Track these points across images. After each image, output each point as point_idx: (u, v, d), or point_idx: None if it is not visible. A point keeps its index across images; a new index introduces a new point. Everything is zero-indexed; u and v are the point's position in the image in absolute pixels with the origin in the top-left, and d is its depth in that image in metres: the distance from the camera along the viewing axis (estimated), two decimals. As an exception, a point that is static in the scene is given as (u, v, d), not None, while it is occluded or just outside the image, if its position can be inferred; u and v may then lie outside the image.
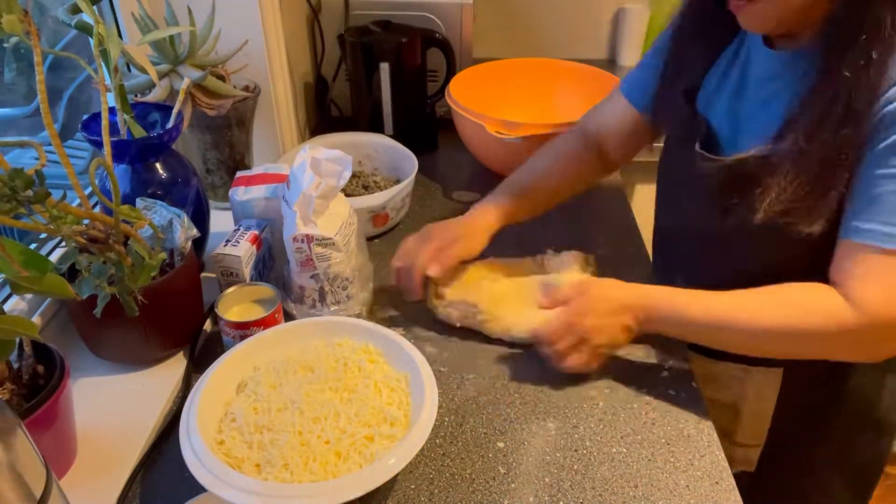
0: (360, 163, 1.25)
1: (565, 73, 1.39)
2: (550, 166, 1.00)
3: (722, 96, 0.85)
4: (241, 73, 1.10)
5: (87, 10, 0.73)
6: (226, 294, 0.87)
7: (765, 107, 0.79)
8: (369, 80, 1.29)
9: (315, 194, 0.85)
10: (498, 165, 1.29)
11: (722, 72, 0.86)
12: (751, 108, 0.81)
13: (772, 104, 0.78)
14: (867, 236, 0.69)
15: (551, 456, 0.76)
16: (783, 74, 0.77)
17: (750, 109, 0.81)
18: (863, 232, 0.69)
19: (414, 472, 0.74)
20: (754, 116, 0.81)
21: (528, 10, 1.81)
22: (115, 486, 0.72)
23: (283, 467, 0.66)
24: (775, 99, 0.77)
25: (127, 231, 0.74)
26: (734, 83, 0.84)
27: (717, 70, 0.87)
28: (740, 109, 0.82)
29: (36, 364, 0.71)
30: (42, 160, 0.63)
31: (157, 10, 1.06)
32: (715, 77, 0.87)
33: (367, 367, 0.77)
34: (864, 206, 0.69)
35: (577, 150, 1.01)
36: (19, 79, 1.49)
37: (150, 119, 0.94)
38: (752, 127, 0.80)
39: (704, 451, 0.77)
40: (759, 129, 0.78)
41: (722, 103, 0.85)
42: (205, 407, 0.71)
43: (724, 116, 0.85)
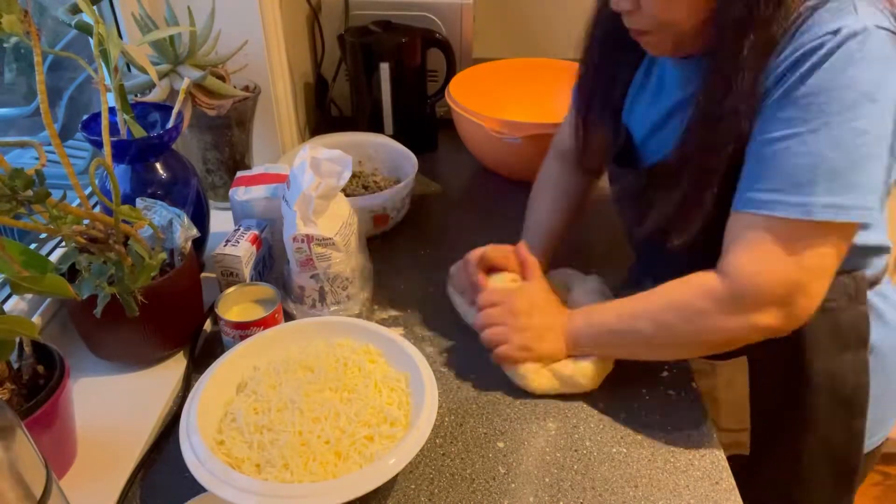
0: (360, 163, 1.25)
1: (565, 73, 1.39)
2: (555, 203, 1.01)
3: (641, 104, 0.89)
4: (241, 73, 1.11)
5: (87, 10, 0.73)
6: (226, 294, 0.87)
7: (672, 114, 0.82)
8: (369, 80, 1.29)
9: (315, 194, 0.85)
10: (498, 165, 1.29)
11: (640, 82, 0.90)
12: (661, 115, 0.84)
13: (677, 114, 0.80)
14: (744, 204, 0.69)
15: (551, 456, 0.76)
16: (689, 83, 0.78)
17: (661, 116, 0.84)
18: (741, 201, 0.70)
19: (414, 472, 0.74)
20: (664, 123, 0.83)
21: (528, 10, 1.81)
22: (115, 486, 0.72)
23: (283, 467, 0.66)
24: (681, 109, 0.79)
25: (127, 231, 0.74)
26: (651, 92, 0.87)
27: (636, 79, 0.90)
28: (654, 115, 0.85)
29: (36, 364, 0.71)
30: (42, 160, 0.63)
31: (157, 10, 1.06)
32: (635, 85, 0.90)
33: (367, 367, 0.77)
34: (746, 176, 0.70)
35: (566, 179, 1.03)
36: (19, 79, 1.49)
37: (150, 119, 0.94)
38: (662, 134, 0.83)
39: (704, 451, 0.77)
40: (666, 137, 0.80)
41: (640, 110, 0.89)
42: (205, 407, 0.71)
43: (640, 123, 0.88)
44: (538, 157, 1.19)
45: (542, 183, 1.05)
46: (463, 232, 1.16)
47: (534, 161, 1.21)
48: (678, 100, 0.81)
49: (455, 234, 1.16)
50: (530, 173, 1.26)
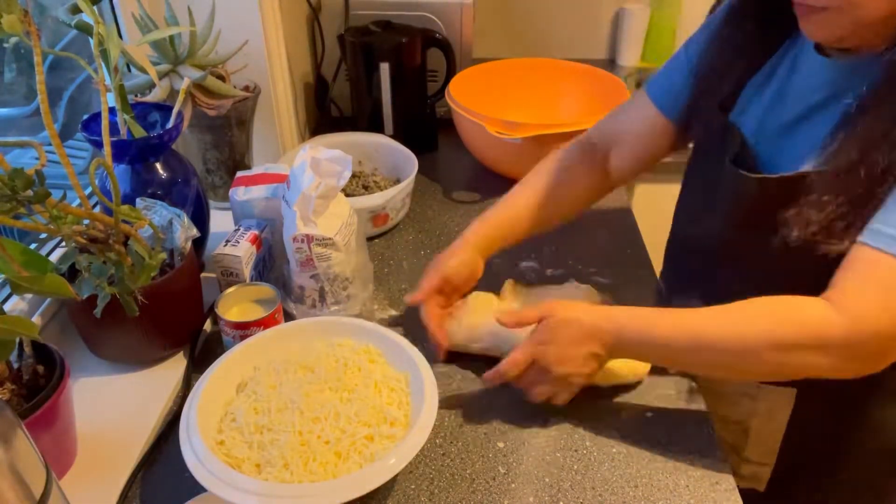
0: (360, 163, 1.25)
1: (565, 73, 1.39)
2: (543, 191, 0.92)
3: (758, 104, 0.79)
4: (241, 73, 1.10)
5: (87, 10, 0.73)
6: (226, 294, 0.87)
7: (806, 119, 0.73)
8: (369, 80, 1.29)
9: (315, 194, 0.85)
10: (498, 165, 1.29)
11: (761, 79, 0.80)
12: (789, 119, 0.75)
13: (815, 117, 0.72)
14: (881, 240, 0.63)
15: (551, 456, 0.76)
16: (833, 85, 0.71)
17: (788, 120, 0.75)
18: (878, 235, 0.63)
19: (414, 472, 0.74)
20: (793, 128, 0.75)
21: (528, 10, 1.81)
22: (115, 486, 0.72)
23: (283, 467, 0.66)
24: (820, 111, 0.72)
25: (127, 231, 0.74)
26: (773, 91, 0.78)
27: (756, 77, 0.80)
28: (777, 119, 0.77)
29: (36, 364, 0.71)
30: (42, 160, 0.63)
31: (157, 10, 1.06)
32: (753, 85, 0.80)
33: (367, 367, 0.77)
34: (890, 210, 0.63)
35: (579, 166, 0.94)
36: (19, 79, 1.49)
37: (150, 119, 0.94)
38: (789, 139, 0.75)
39: (704, 452, 0.76)
40: (796, 143, 0.73)
41: (757, 112, 0.79)
42: (205, 407, 0.71)
43: (757, 126, 0.79)
44: (538, 157, 1.19)
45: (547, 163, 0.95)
46: (463, 232, 1.16)
47: (534, 161, 1.20)
48: (814, 102, 0.73)
49: (455, 234, 1.15)
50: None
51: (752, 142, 0.79)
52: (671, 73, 0.89)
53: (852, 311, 0.63)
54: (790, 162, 0.72)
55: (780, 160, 0.75)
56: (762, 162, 0.77)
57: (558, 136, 1.15)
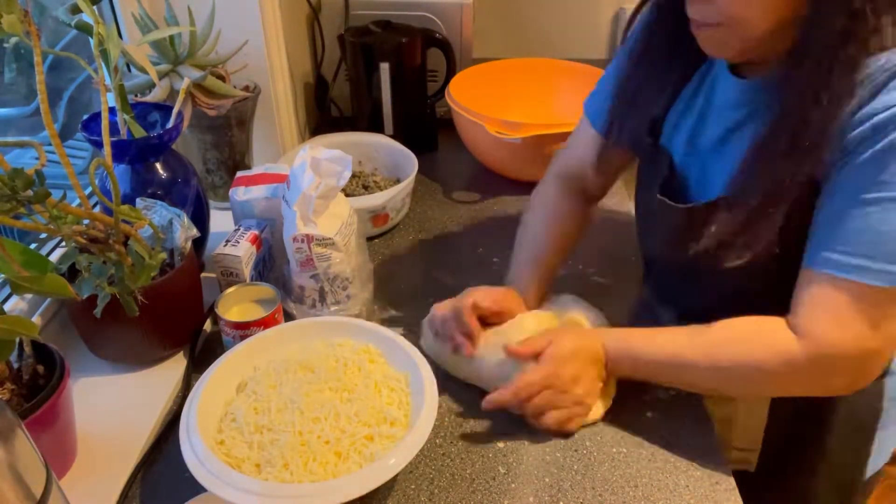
0: (360, 163, 1.25)
1: (565, 73, 1.39)
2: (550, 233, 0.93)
3: (684, 127, 0.82)
4: (241, 73, 1.10)
5: (87, 10, 0.73)
6: (226, 294, 0.87)
7: (727, 140, 0.76)
8: (369, 80, 1.29)
9: (315, 194, 0.85)
10: (498, 165, 1.29)
11: (686, 102, 0.82)
12: (712, 140, 0.78)
13: (733, 135, 0.75)
14: (823, 264, 0.66)
15: (551, 456, 0.76)
16: (747, 104, 0.73)
17: (711, 141, 0.78)
18: (820, 260, 0.66)
19: (414, 472, 0.74)
20: (717, 149, 0.77)
21: (528, 10, 1.81)
22: (115, 486, 0.72)
23: (283, 467, 0.66)
24: (738, 130, 0.74)
25: (127, 231, 0.74)
26: (697, 112, 0.80)
27: (681, 98, 0.83)
28: (702, 141, 0.79)
29: (36, 364, 0.71)
30: (42, 160, 0.63)
31: (157, 10, 1.06)
32: (678, 107, 0.83)
33: (367, 367, 0.77)
34: (825, 233, 0.66)
35: (565, 205, 0.96)
36: (19, 79, 1.49)
37: (150, 119, 0.94)
38: (714, 161, 0.77)
39: (704, 451, 0.76)
40: (720, 164, 0.75)
41: (683, 134, 0.82)
42: (205, 407, 0.71)
43: (684, 149, 0.81)
44: (538, 157, 1.19)
45: (538, 211, 0.96)
46: (463, 232, 1.16)
47: (534, 161, 1.21)
48: (734, 121, 0.75)
49: (455, 234, 1.16)
50: (530, 173, 1.26)
51: (681, 165, 0.82)
52: (603, 94, 0.90)
53: (811, 334, 0.67)
54: (718, 183, 0.74)
55: (708, 182, 0.78)
56: (692, 185, 0.81)
57: (558, 136, 1.15)
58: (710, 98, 0.79)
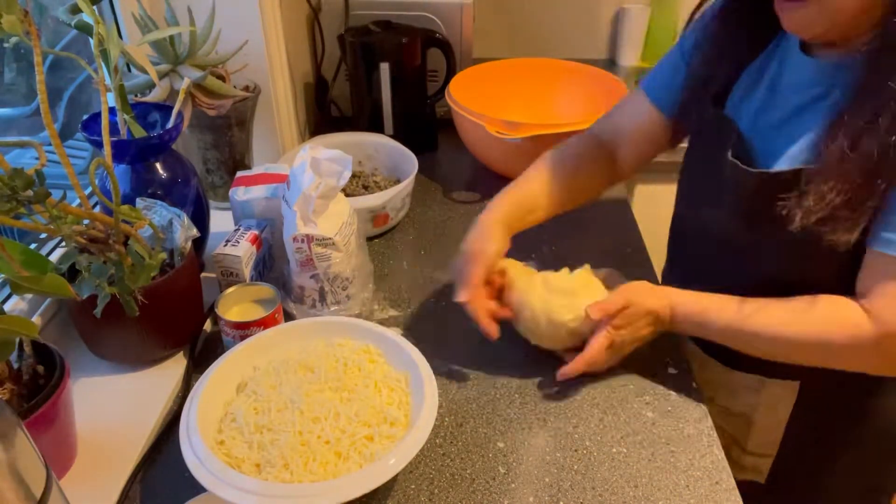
0: (360, 163, 1.25)
1: (565, 73, 1.39)
2: (557, 173, 0.93)
3: (750, 102, 0.81)
4: (241, 73, 1.10)
5: (87, 10, 0.73)
6: (226, 294, 0.87)
7: (797, 116, 0.75)
8: (369, 80, 1.29)
9: (315, 194, 0.85)
10: (498, 165, 1.29)
11: (752, 77, 0.81)
12: (781, 116, 0.77)
13: (805, 114, 0.74)
14: (886, 245, 0.66)
15: (551, 456, 0.76)
16: (820, 83, 0.73)
17: (780, 117, 0.77)
18: (882, 241, 0.67)
19: (414, 472, 0.74)
20: (785, 125, 0.76)
21: (528, 10, 1.81)
22: (115, 486, 0.72)
23: (283, 467, 0.66)
24: (810, 109, 0.73)
25: (127, 231, 0.74)
26: (765, 89, 0.79)
27: (747, 74, 0.82)
28: (769, 116, 0.78)
29: (36, 364, 0.71)
30: (42, 160, 0.63)
31: (157, 10, 1.06)
32: (744, 81, 0.82)
33: (367, 367, 0.77)
34: (890, 214, 0.66)
35: (588, 155, 0.95)
36: (19, 79, 1.49)
37: (150, 119, 0.94)
38: (783, 135, 0.76)
39: (704, 451, 0.76)
40: (789, 139, 0.74)
41: (750, 109, 0.81)
42: (205, 407, 0.71)
43: (751, 122, 0.80)
44: (538, 157, 1.19)
45: (554, 152, 0.95)
46: (463, 232, 1.15)
47: (534, 161, 1.21)
48: (803, 101, 0.74)
49: (455, 234, 1.15)
50: (530, 173, 1.26)
51: (747, 136, 0.80)
52: (666, 69, 0.91)
53: (881, 317, 0.68)
54: (786, 157, 0.74)
55: (776, 155, 0.76)
56: (759, 155, 0.79)
57: (558, 136, 1.15)
58: (780, 75, 0.78)
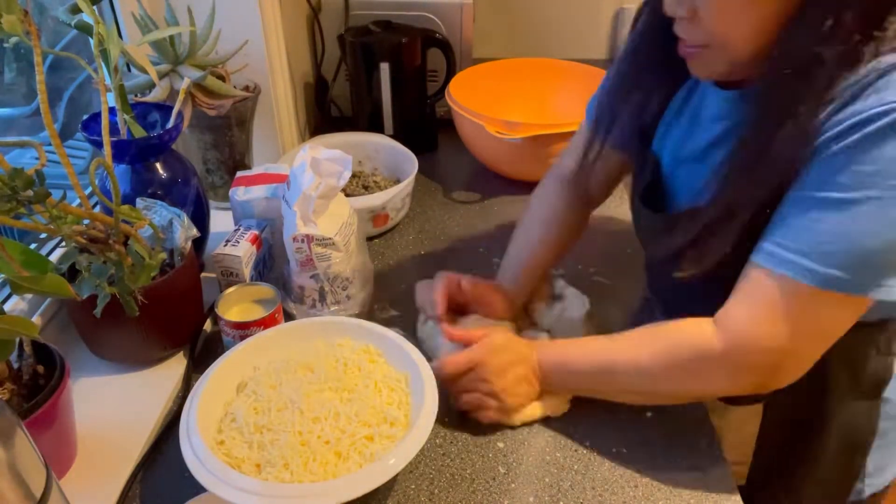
0: (360, 163, 1.25)
1: (565, 73, 1.39)
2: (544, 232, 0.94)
3: (673, 133, 0.82)
4: (241, 73, 1.11)
5: (87, 10, 0.73)
6: (226, 294, 0.87)
7: (710, 149, 0.75)
8: (369, 80, 1.29)
9: (315, 194, 0.85)
10: (498, 165, 1.29)
11: (676, 108, 0.82)
12: (699, 148, 0.77)
13: (716, 147, 0.74)
14: (759, 255, 0.65)
15: (551, 456, 0.76)
16: (728, 116, 0.73)
17: (698, 149, 0.77)
18: (759, 251, 0.65)
19: (414, 472, 0.74)
20: (701, 158, 0.77)
21: (528, 10, 1.81)
22: (115, 486, 0.72)
23: (283, 467, 0.66)
24: (720, 142, 0.74)
25: (127, 231, 0.74)
26: (686, 120, 0.80)
27: (671, 106, 0.83)
28: (689, 148, 0.79)
29: (36, 364, 0.71)
30: (42, 160, 0.63)
31: (157, 10, 1.06)
32: (669, 113, 0.83)
33: (367, 367, 0.77)
34: (772, 226, 0.65)
35: (561, 205, 0.95)
36: (19, 79, 1.49)
37: (150, 119, 0.94)
38: (699, 169, 0.76)
39: (704, 451, 0.77)
40: (701, 173, 0.74)
41: (673, 140, 0.82)
42: (205, 407, 0.71)
43: (672, 154, 0.82)
44: (538, 157, 1.20)
45: (536, 210, 0.97)
46: (463, 231, 1.16)
47: (534, 161, 1.21)
48: (717, 133, 0.75)
49: (455, 234, 1.16)
50: (530, 173, 1.26)
51: (668, 171, 0.82)
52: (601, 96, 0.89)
53: (731, 327, 0.66)
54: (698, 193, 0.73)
55: (692, 189, 0.77)
56: (679, 192, 0.81)
57: (558, 136, 1.15)
58: (699, 107, 0.79)
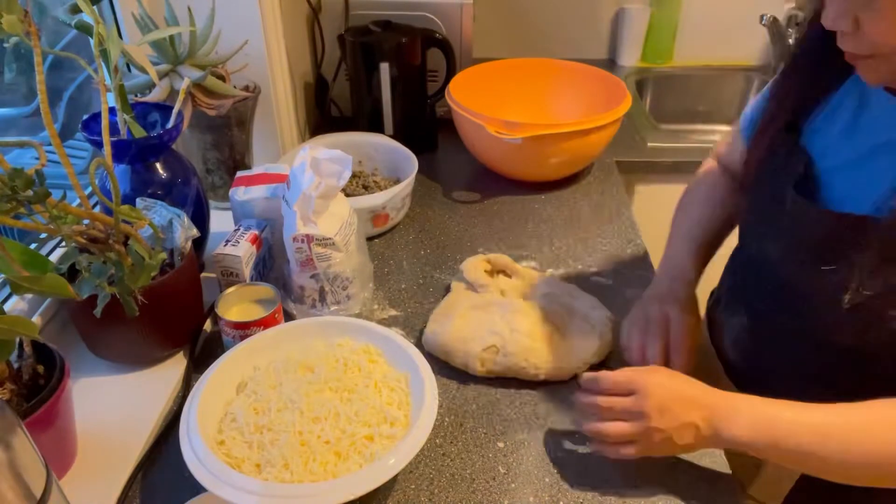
0: (360, 163, 1.25)
1: (565, 73, 1.39)
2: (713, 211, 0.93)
3: (828, 131, 0.76)
4: (241, 73, 1.10)
5: (87, 10, 0.73)
6: (226, 294, 0.87)
7: (873, 156, 0.70)
8: (369, 80, 1.29)
9: (315, 194, 0.85)
10: (498, 165, 1.29)
11: (832, 108, 0.77)
12: (857, 154, 0.72)
13: (881, 155, 0.69)
14: None
15: (551, 456, 0.76)
16: None
17: (856, 155, 0.72)
18: None
19: (414, 472, 0.74)
20: (860, 164, 0.71)
21: (528, 10, 1.81)
22: (115, 486, 0.72)
23: (283, 467, 0.66)
24: (887, 150, 0.69)
25: (127, 231, 0.74)
26: (844, 122, 0.75)
27: (827, 107, 0.78)
28: (845, 152, 0.74)
29: (36, 364, 0.71)
30: (42, 160, 0.63)
31: (157, 10, 1.06)
32: (825, 110, 0.78)
33: (367, 367, 0.77)
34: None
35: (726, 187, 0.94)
36: (19, 79, 1.49)
37: (150, 119, 0.94)
38: (857, 175, 0.72)
39: (704, 452, 0.76)
40: (864, 181, 0.70)
41: (826, 138, 0.76)
42: (205, 407, 0.71)
43: (823, 155, 0.75)
44: (538, 157, 1.20)
45: (701, 186, 0.97)
46: (463, 231, 1.16)
47: (534, 161, 1.21)
48: (884, 140, 0.69)
49: (455, 234, 1.16)
50: (530, 173, 1.27)
51: (820, 168, 0.76)
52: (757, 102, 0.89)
53: None
54: (856, 200, 0.69)
55: (846, 195, 0.72)
56: (828, 193, 0.74)
57: (558, 136, 1.15)
58: (861, 111, 0.74)
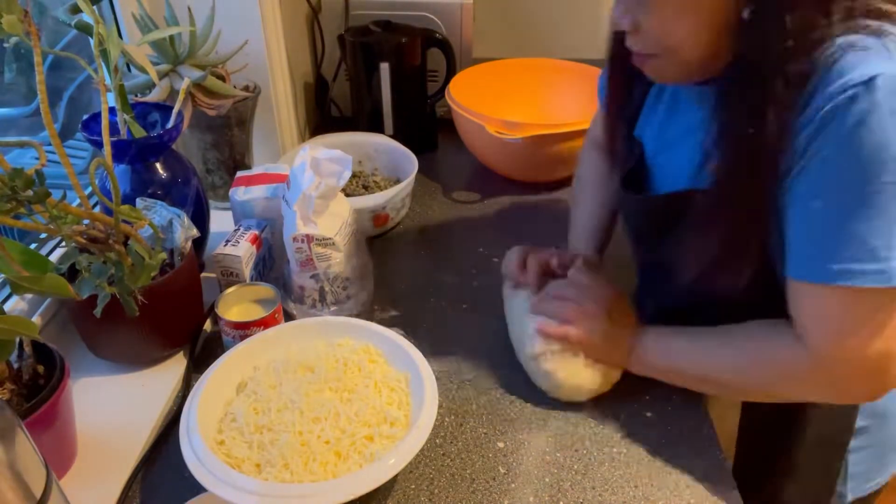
0: (360, 163, 1.25)
1: (565, 73, 1.39)
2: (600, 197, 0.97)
3: (654, 118, 0.84)
4: (241, 73, 1.11)
5: (87, 10, 0.73)
6: (226, 294, 0.87)
7: (689, 135, 0.75)
8: (369, 80, 1.29)
9: (315, 194, 0.85)
10: (498, 165, 1.29)
11: (655, 94, 0.84)
12: (677, 134, 0.78)
13: (694, 133, 0.74)
14: (809, 273, 0.64)
15: (551, 456, 0.76)
16: (706, 100, 0.71)
17: (676, 134, 0.78)
18: (804, 269, 0.64)
19: (414, 472, 0.74)
20: (680, 142, 0.77)
21: (528, 10, 1.81)
22: (115, 486, 0.72)
23: (283, 467, 0.66)
24: (698, 128, 0.73)
25: (127, 231, 0.74)
26: (665, 106, 0.82)
27: (653, 91, 0.84)
28: (668, 132, 0.80)
29: (36, 364, 0.71)
30: (42, 160, 0.63)
31: (157, 10, 1.06)
32: (651, 98, 0.85)
33: (367, 367, 0.77)
34: (806, 241, 0.63)
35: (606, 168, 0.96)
36: (19, 79, 1.49)
37: (150, 119, 0.94)
38: (678, 154, 0.77)
39: (704, 452, 0.76)
40: (683, 158, 0.75)
41: (653, 125, 0.83)
42: (205, 407, 0.71)
43: (654, 139, 0.83)
44: (538, 157, 1.20)
45: (582, 177, 1.02)
46: (463, 232, 1.16)
47: (534, 161, 1.21)
48: (694, 119, 0.75)
49: (455, 234, 1.16)
50: (530, 173, 1.27)
51: (650, 155, 0.83)
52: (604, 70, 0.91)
53: (813, 345, 0.66)
54: (678, 178, 0.74)
55: (671, 176, 0.78)
56: (656, 178, 0.81)
57: (558, 136, 1.15)
58: (677, 92, 0.80)
